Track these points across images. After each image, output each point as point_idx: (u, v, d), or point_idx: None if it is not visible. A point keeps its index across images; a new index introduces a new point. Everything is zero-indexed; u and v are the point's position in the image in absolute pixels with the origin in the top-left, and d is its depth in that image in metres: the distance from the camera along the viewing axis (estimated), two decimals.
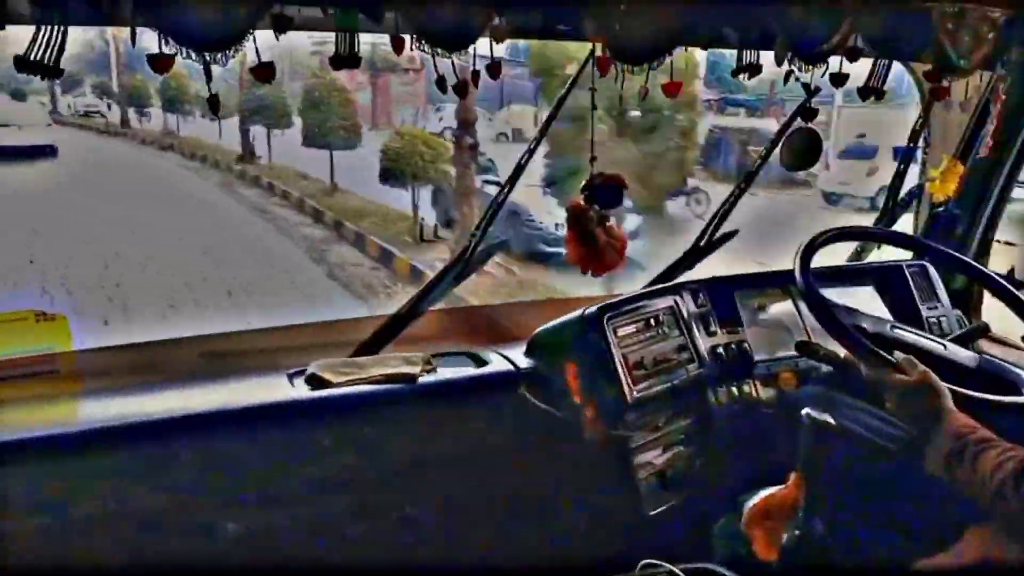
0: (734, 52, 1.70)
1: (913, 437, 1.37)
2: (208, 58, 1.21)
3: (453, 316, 2.27)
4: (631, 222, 7.43)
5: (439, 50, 1.44)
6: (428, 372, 1.81)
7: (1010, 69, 1.87)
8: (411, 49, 1.44)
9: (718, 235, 2.16)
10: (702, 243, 2.17)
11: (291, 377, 1.76)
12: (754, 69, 1.68)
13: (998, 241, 2.24)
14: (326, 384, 1.71)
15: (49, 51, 1.12)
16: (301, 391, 1.72)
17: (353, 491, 1.71)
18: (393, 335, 1.88)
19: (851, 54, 1.74)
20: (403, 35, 1.41)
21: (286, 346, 1.90)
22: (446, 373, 1.83)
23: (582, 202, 1.76)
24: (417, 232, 9.47)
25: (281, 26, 1.29)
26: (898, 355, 1.48)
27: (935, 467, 1.26)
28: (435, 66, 1.44)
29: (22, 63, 1.11)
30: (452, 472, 1.79)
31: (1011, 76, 1.89)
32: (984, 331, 2.02)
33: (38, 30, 1.11)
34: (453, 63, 1.45)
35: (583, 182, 1.75)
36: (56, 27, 1.11)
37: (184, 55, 1.19)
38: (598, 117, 1.73)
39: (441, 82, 1.44)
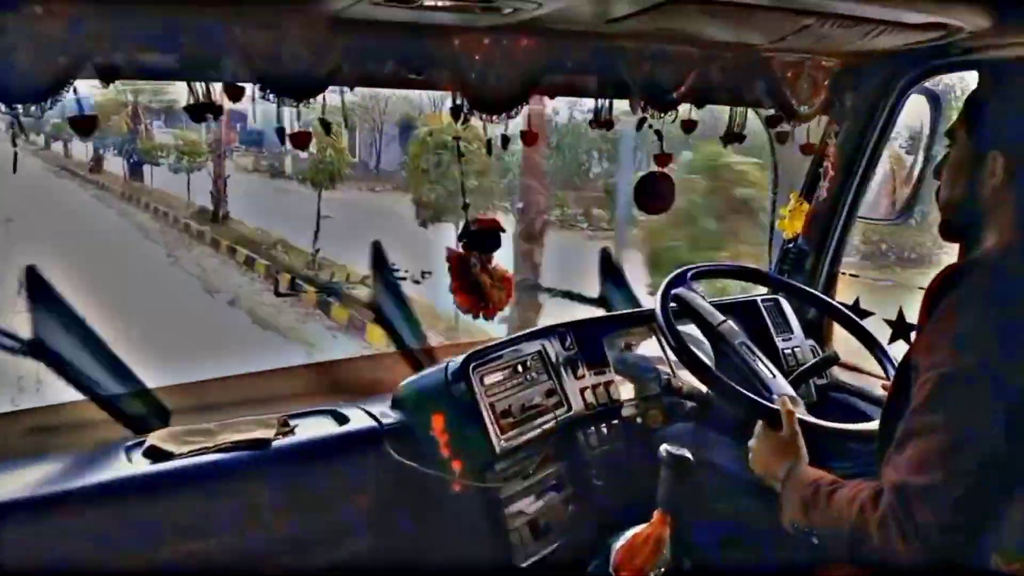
0: None
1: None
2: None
3: (313, 372, 2.16)
4: None
5: (286, 99, 1.47)
6: (284, 435, 1.70)
7: (843, 115, 1.98)
8: (253, 99, 1.47)
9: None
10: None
11: (128, 450, 1.61)
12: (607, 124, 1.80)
13: (843, 273, 2.36)
14: (167, 456, 1.57)
15: None
16: (140, 465, 1.56)
17: None
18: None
19: (699, 101, 1.80)
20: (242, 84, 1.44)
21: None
22: (304, 434, 1.73)
23: (461, 250, 1.72)
24: None
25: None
26: (780, 398, 1.50)
27: (793, 517, 1.27)
28: (279, 117, 1.49)
29: None
30: (314, 541, 1.68)
31: (845, 121, 2.00)
32: (834, 360, 2.11)
33: None
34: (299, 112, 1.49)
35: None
36: None
37: None
38: None
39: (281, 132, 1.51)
